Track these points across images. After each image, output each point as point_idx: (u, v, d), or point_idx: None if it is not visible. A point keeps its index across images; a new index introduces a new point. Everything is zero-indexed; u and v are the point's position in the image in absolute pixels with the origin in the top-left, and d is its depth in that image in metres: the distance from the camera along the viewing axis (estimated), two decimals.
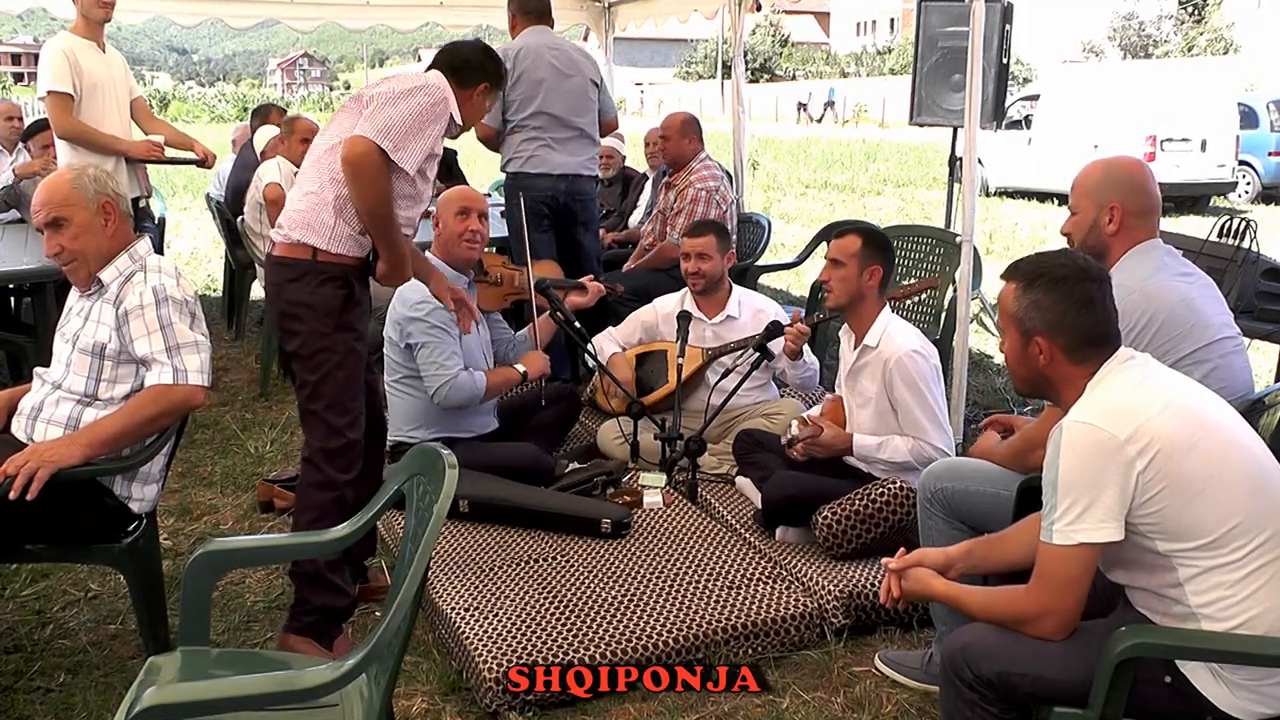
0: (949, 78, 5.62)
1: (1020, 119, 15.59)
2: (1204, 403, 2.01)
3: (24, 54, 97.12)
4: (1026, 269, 2.09)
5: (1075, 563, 1.91)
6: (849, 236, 3.40)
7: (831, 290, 3.41)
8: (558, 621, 2.89)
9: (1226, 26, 39.88)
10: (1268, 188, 15.47)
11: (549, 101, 4.97)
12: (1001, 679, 1.98)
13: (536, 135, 4.99)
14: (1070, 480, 1.90)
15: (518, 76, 4.93)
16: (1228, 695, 1.90)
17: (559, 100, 4.99)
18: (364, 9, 7.42)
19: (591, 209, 5.27)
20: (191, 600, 2.11)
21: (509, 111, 5.00)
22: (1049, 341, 2.03)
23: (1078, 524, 1.89)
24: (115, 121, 4.85)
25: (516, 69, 4.92)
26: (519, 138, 5.01)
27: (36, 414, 2.71)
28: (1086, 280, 2.03)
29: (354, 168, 2.70)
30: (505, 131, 5.06)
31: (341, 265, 2.84)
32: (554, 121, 5.00)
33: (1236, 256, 3.95)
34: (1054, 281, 2.03)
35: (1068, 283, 2.02)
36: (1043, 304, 2.03)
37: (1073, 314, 2.01)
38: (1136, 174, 2.74)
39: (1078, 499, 1.89)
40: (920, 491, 2.77)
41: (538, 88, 4.95)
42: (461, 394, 3.66)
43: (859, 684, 2.84)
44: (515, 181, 5.05)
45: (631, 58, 58.89)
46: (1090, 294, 2.02)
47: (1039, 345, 2.04)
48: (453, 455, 1.93)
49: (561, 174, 5.02)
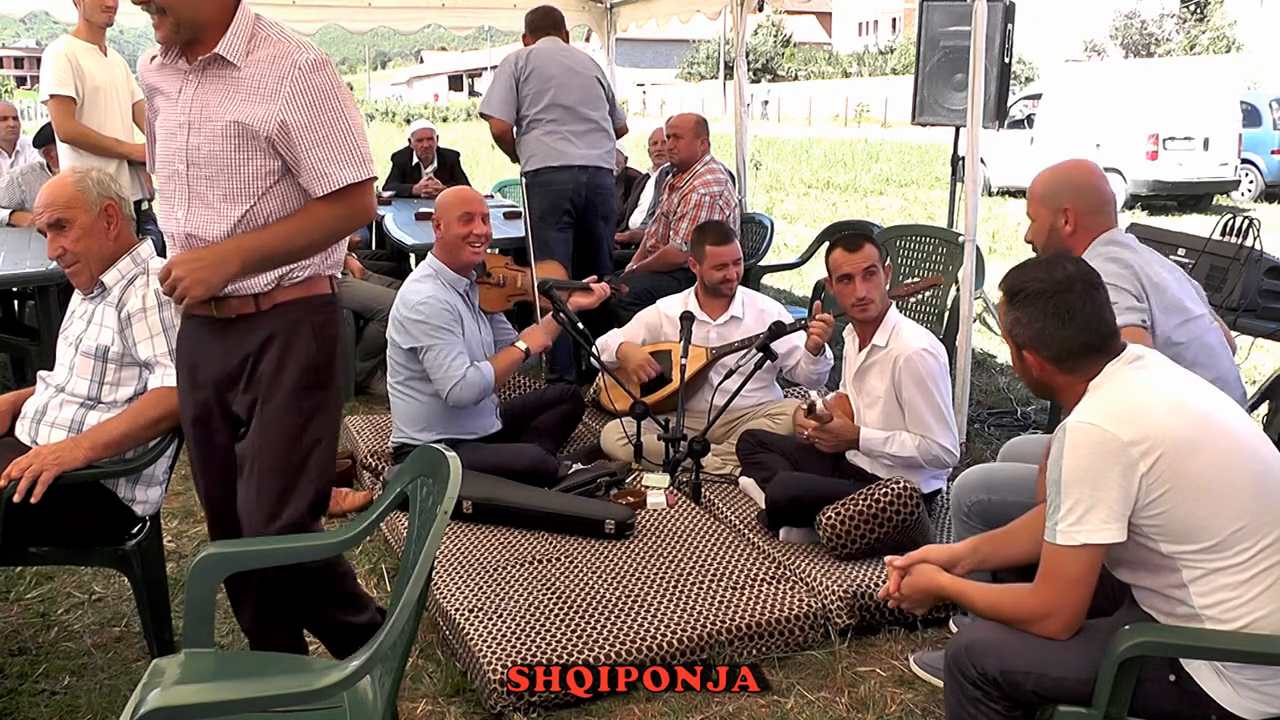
0: (951, 77, 5.61)
1: (1023, 118, 15.57)
2: (1211, 403, 2.00)
3: (26, 58, 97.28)
4: (1009, 284, 2.11)
5: (1079, 563, 1.91)
6: (866, 245, 3.37)
7: (874, 302, 3.36)
8: (562, 622, 2.88)
9: (1229, 25, 39.80)
10: (1271, 186, 15.45)
11: (562, 95, 5.07)
12: (1005, 677, 1.98)
13: (553, 129, 5.06)
14: (1073, 480, 1.91)
15: (530, 72, 5.05)
16: (1232, 694, 1.90)
17: (572, 94, 5.09)
18: (366, 10, 7.42)
19: (611, 203, 5.37)
20: (195, 602, 2.11)
21: (523, 107, 5.08)
22: (1034, 355, 2.06)
23: (1080, 524, 1.90)
24: (117, 125, 4.86)
25: (529, 66, 5.06)
26: (536, 133, 5.08)
27: (40, 417, 2.71)
28: (1065, 292, 2.02)
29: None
30: (521, 130, 5.13)
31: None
32: (569, 114, 5.09)
33: (1240, 255, 3.95)
34: (1030, 297, 2.05)
35: (1043, 297, 2.03)
36: (1022, 320, 2.06)
37: (1051, 328, 2.02)
38: (1085, 174, 2.85)
39: (1080, 499, 1.90)
40: (955, 504, 2.80)
41: (549, 82, 5.06)
42: (473, 390, 3.65)
43: (863, 684, 2.84)
44: (536, 179, 5.11)
45: (634, 59, 58.91)
46: (1069, 305, 2.02)
47: (1028, 358, 2.08)
48: (456, 457, 1.93)
49: (582, 165, 5.11)
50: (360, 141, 2.25)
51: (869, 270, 3.34)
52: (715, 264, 4.18)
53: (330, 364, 2.38)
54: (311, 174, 2.22)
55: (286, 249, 2.25)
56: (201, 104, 2.23)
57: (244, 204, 2.24)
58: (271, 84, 2.18)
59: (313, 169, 2.21)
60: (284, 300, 2.32)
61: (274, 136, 2.18)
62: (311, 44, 2.25)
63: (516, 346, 3.87)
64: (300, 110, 2.18)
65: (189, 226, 2.27)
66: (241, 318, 2.32)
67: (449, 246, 3.80)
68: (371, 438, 4.30)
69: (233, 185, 2.23)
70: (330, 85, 2.21)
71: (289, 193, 2.27)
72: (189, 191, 2.27)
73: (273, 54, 2.19)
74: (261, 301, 2.31)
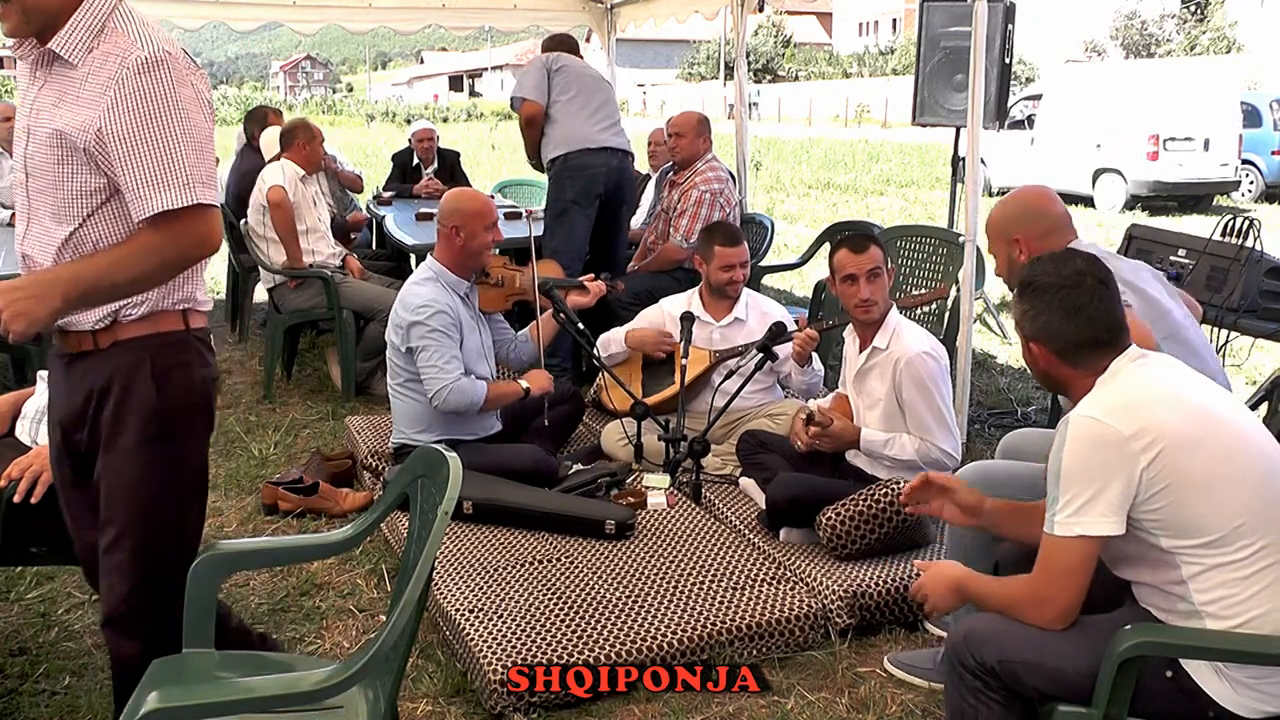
0: (951, 78, 5.63)
1: (1023, 119, 15.56)
2: (1214, 400, 2.02)
3: None
4: (1023, 277, 2.15)
5: (1074, 554, 1.93)
6: (872, 247, 3.36)
7: (877, 303, 3.37)
8: (562, 623, 2.89)
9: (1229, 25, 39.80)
10: (1271, 186, 15.45)
11: (589, 90, 5.31)
12: (1004, 666, 1.99)
13: (585, 118, 5.26)
14: (1073, 473, 1.92)
15: (561, 67, 5.30)
16: (1230, 692, 1.90)
17: (595, 95, 5.33)
18: (366, 11, 7.42)
19: (634, 192, 5.51)
20: (196, 603, 2.11)
21: (554, 94, 5.28)
22: (1040, 347, 2.09)
23: (1078, 516, 1.91)
24: None
25: (559, 61, 5.32)
26: (566, 120, 5.26)
27: (41, 417, 2.71)
28: (1073, 288, 2.05)
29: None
30: (550, 119, 5.29)
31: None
32: (597, 105, 5.30)
33: (1240, 256, 3.95)
34: (1039, 290, 2.08)
35: (1050, 290, 2.06)
36: (1030, 313, 2.09)
37: (1057, 321, 2.05)
38: (1028, 201, 2.90)
39: (1080, 492, 1.91)
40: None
41: (578, 80, 5.30)
42: (462, 398, 3.65)
43: (863, 684, 2.84)
44: (567, 164, 5.25)
45: (634, 59, 58.98)
46: (1076, 301, 2.04)
47: (1035, 350, 2.11)
48: (457, 457, 1.93)
49: (614, 148, 5.30)
50: (192, 159, 1.90)
51: (873, 272, 3.34)
52: (723, 265, 4.18)
53: (181, 412, 2.07)
54: (130, 195, 1.90)
55: (109, 281, 1.91)
56: (38, 108, 1.96)
57: (69, 225, 1.96)
58: (98, 86, 1.88)
59: (131, 189, 1.90)
60: (125, 338, 2.03)
61: (92, 148, 1.89)
62: (161, 39, 1.92)
63: (518, 383, 3.86)
64: (120, 118, 1.86)
65: (25, 245, 2.04)
66: (83, 354, 2.05)
67: (468, 254, 3.78)
68: (372, 438, 4.30)
69: (58, 203, 1.96)
70: (163, 89, 1.88)
71: (119, 215, 1.97)
72: (29, 205, 2.01)
73: (109, 50, 1.90)
74: (100, 338, 2.02)
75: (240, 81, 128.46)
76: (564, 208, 5.22)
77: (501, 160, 21.34)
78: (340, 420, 4.90)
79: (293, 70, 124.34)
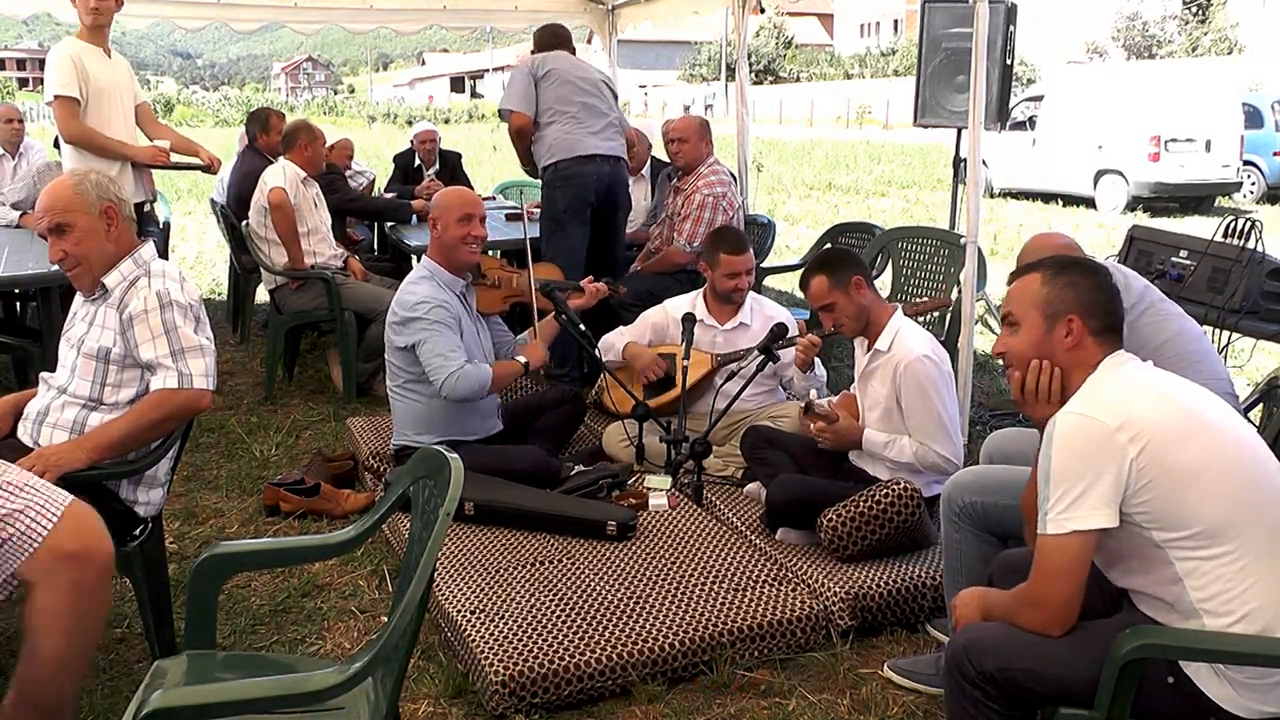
0: (953, 79, 5.61)
1: (1024, 120, 15.57)
2: (1197, 399, 2.03)
3: (29, 59, 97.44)
4: (1055, 259, 2.19)
5: (1067, 551, 1.92)
6: (814, 279, 3.42)
7: (843, 327, 3.43)
8: (563, 624, 2.88)
9: (1231, 26, 39.81)
10: (1273, 187, 15.46)
11: (578, 92, 5.21)
12: (1003, 674, 1.98)
13: (573, 124, 5.18)
14: (1063, 470, 1.93)
15: (547, 71, 5.20)
16: (1231, 694, 1.90)
17: (586, 93, 5.24)
18: (367, 12, 7.43)
19: (629, 195, 5.49)
20: (197, 604, 2.11)
21: (542, 103, 5.20)
22: (1081, 321, 2.07)
23: (1069, 512, 1.91)
24: (121, 126, 4.86)
25: (545, 65, 5.21)
26: (557, 128, 5.19)
27: (42, 419, 2.72)
28: (1105, 275, 2.14)
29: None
30: (540, 127, 5.23)
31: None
32: (586, 109, 5.22)
33: (1242, 257, 3.95)
34: (1087, 270, 2.14)
35: (1100, 273, 2.14)
36: (1079, 285, 2.10)
37: (1104, 298, 2.09)
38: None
39: (1070, 488, 1.91)
40: (946, 505, 2.75)
41: (566, 83, 5.20)
42: (470, 383, 3.62)
43: (865, 685, 2.84)
44: (558, 173, 5.19)
45: (635, 60, 58.91)
46: (1115, 288, 2.13)
47: (1068, 326, 2.07)
48: (458, 459, 1.93)
49: (605, 155, 5.23)
50: None
51: (825, 308, 3.41)
52: (728, 272, 4.18)
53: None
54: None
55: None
56: None
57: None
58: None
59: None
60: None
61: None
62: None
63: (517, 360, 3.86)
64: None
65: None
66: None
67: (446, 247, 3.80)
68: (373, 439, 4.30)
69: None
70: None
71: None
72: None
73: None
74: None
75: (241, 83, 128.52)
76: (558, 219, 5.19)
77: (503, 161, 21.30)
78: (342, 421, 4.90)
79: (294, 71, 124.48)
